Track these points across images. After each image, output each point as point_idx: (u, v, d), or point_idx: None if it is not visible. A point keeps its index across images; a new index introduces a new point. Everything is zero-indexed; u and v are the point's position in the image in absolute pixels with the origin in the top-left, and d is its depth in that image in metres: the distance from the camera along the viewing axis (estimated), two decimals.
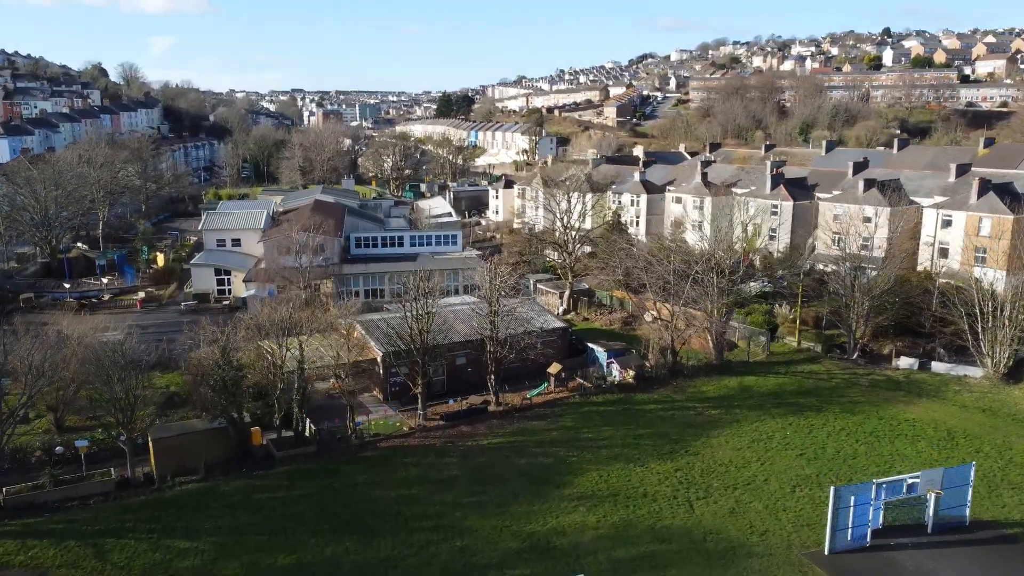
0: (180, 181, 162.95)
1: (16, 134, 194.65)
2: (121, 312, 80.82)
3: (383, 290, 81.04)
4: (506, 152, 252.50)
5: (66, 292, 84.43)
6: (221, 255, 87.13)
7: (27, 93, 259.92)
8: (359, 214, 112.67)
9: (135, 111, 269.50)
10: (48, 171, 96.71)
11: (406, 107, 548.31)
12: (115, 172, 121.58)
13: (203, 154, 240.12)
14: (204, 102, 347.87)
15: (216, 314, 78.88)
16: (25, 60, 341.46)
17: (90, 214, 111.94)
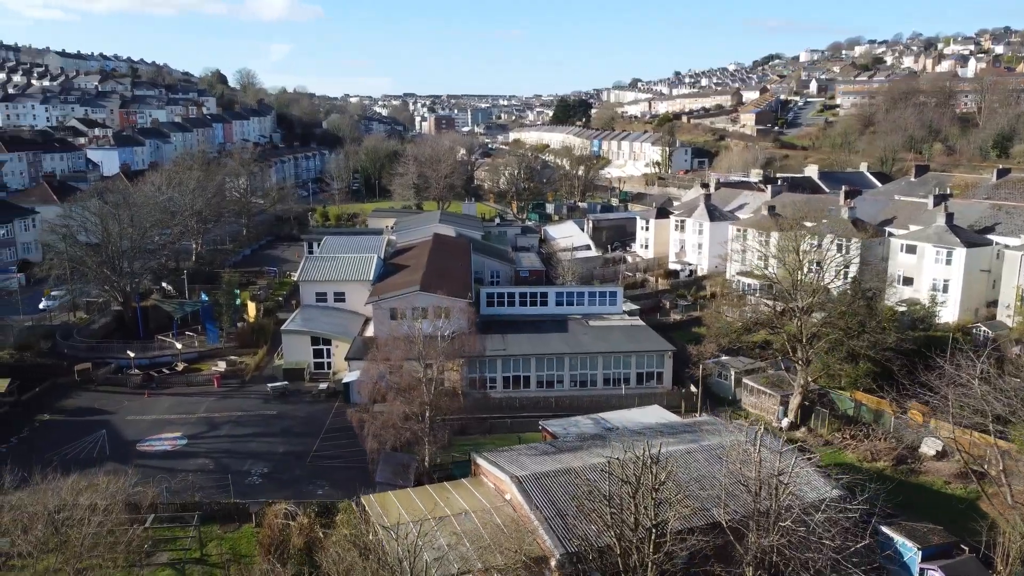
0: (286, 198, 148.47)
1: (126, 145, 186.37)
2: (194, 393, 63.32)
3: (528, 377, 60.24)
4: (634, 164, 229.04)
5: (130, 360, 67.79)
6: (320, 317, 68.60)
7: (143, 101, 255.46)
8: (485, 250, 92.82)
9: (247, 119, 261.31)
10: (121, 204, 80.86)
11: (518, 112, 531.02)
12: (209, 196, 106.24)
13: (313, 165, 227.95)
14: (317, 108, 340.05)
15: (310, 402, 60.29)
16: (148, 67, 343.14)
17: (179, 245, 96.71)
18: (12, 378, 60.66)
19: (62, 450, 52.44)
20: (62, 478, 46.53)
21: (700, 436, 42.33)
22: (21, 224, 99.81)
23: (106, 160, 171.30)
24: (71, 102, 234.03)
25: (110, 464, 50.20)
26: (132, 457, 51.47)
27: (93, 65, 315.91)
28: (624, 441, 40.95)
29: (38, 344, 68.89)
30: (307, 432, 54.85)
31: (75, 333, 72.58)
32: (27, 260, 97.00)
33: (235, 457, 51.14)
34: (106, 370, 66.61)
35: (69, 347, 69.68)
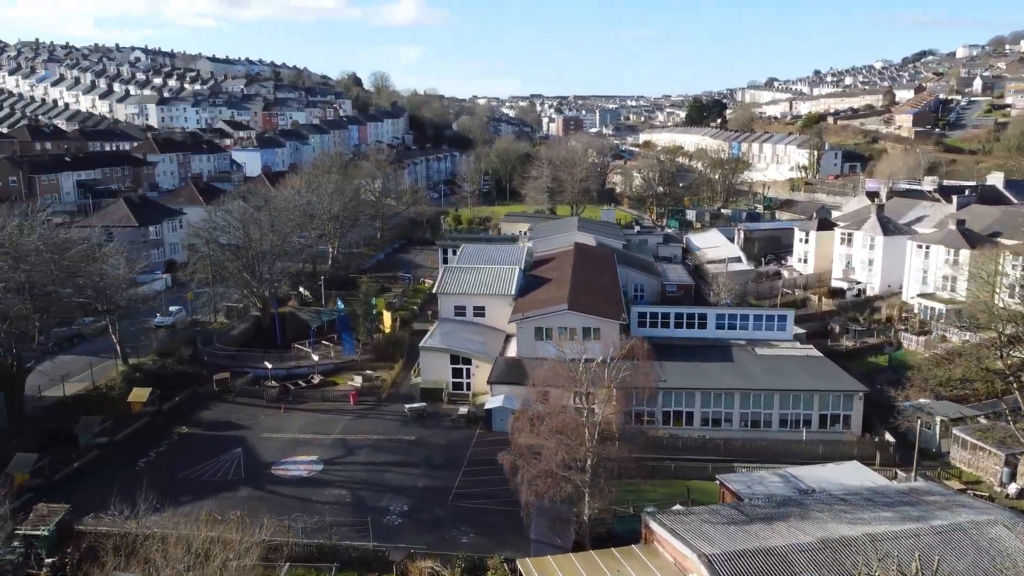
0: (420, 200, 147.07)
1: (268, 146, 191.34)
2: (330, 410, 60.34)
3: (691, 413, 53.50)
4: (776, 168, 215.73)
5: (268, 371, 65.82)
6: (460, 333, 64.35)
7: (284, 104, 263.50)
8: (628, 261, 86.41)
9: (381, 121, 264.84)
10: (262, 207, 79.83)
11: (647, 112, 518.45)
12: (347, 199, 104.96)
13: (444, 167, 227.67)
14: (447, 110, 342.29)
15: (449, 427, 55.92)
16: (290, 71, 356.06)
17: (316, 248, 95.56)
18: (154, 387, 59.58)
19: (198, 468, 50.26)
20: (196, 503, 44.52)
21: (925, 510, 34.57)
22: (169, 225, 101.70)
23: (249, 161, 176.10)
24: (219, 105, 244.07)
25: (245, 489, 47.51)
26: (267, 482, 48.56)
27: (240, 69, 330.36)
28: (830, 511, 33.88)
29: (179, 350, 68.12)
30: (448, 463, 50.42)
31: (215, 339, 71.63)
32: (173, 261, 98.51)
33: (373, 489, 47.25)
34: (244, 380, 64.89)
35: (209, 354, 68.62)
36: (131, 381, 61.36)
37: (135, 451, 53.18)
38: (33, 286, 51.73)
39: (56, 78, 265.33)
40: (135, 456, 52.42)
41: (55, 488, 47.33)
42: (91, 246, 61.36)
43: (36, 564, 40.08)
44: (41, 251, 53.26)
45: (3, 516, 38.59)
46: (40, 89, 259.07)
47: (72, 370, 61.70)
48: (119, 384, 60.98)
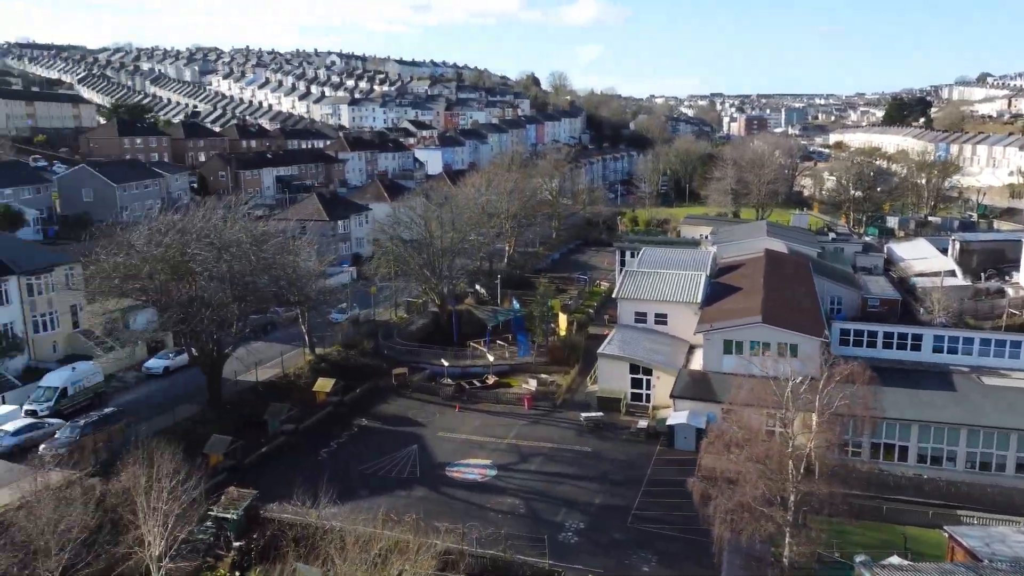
0: (596, 200, 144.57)
1: (448, 145, 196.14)
2: (504, 413, 59.17)
3: (904, 448, 47.20)
4: (992, 172, 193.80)
5: (444, 368, 65.73)
6: (641, 341, 61.08)
7: (465, 104, 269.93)
8: (823, 271, 79.20)
9: (559, 120, 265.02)
10: (443, 205, 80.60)
11: (838, 111, 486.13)
12: (526, 198, 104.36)
13: (621, 167, 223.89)
14: (624, 109, 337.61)
15: (627, 441, 52.91)
16: (471, 72, 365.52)
17: (493, 247, 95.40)
18: (337, 378, 61.02)
19: (376, 463, 50.49)
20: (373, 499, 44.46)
21: None
22: (356, 220, 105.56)
23: (431, 160, 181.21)
24: (404, 105, 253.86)
25: (420, 489, 47.02)
26: (441, 483, 47.84)
27: (425, 71, 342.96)
28: None
29: (363, 342, 69.66)
30: (627, 481, 47.48)
31: (395, 334, 72.73)
32: (359, 255, 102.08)
33: (547, 502, 45.23)
34: (421, 377, 65.20)
35: (389, 348, 69.68)
36: (317, 371, 63.29)
37: (318, 440, 54.42)
38: (234, 276, 54.11)
39: (262, 81, 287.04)
40: (318, 445, 53.61)
41: (244, 471, 49.12)
42: (286, 239, 63.77)
43: (225, 546, 41.36)
44: (242, 242, 55.69)
45: (199, 496, 40.07)
46: (248, 92, 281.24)
47: (264, 357, 64.52)
48: (306, 373, 63.06)
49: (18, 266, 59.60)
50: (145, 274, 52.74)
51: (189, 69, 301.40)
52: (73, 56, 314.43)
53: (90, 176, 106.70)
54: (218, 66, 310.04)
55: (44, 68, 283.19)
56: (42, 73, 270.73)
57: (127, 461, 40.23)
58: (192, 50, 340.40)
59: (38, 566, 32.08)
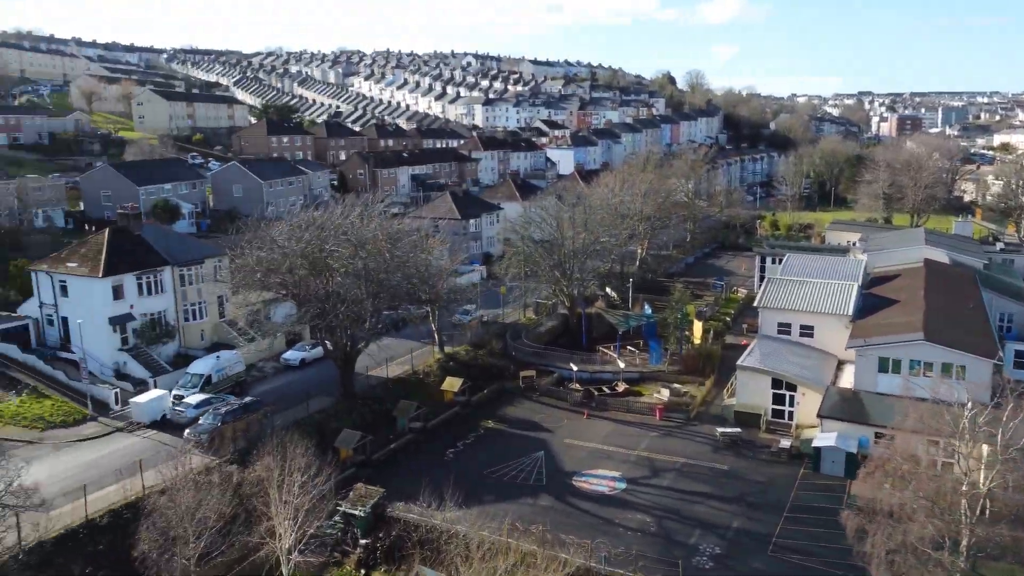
0: (734, 203, 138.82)
1: (581, 145, 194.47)
2: (634, 423, 56.92)
3: None
4: None
5: (572, 372, 64.11)
6: (784, 354, 57.18)
7: (599, 103, 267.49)
8: (991, 285, 71.76)
9: (695, 120, 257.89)
10: (576, 205, 78.93)
11: (1003, 111, 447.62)
12: (660, 200, 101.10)
13: (760, 168, 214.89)
14: (764, 109, 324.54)
15: (768, 461, 49.53)
16: (605, 71, 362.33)
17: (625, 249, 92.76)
18: (465, 378, 60.67)
19: (501, 467, 49.55)
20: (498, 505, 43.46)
21: None
22: (488, 219, 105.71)
23: (562, 159, 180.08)
24: (538, 105, 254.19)
25: (546, 498, 45.65)
26: (568, 493, 46.27)
27: (558, 71, 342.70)
28: None
29: (491, 343, 69.15)
30: (767, 504, 44.27)
31: (523, 335, 71.80)
32: (489, 254, 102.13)
33: (680, 521, 42.74)
34: (549, 380, 63.92)
35: (517, 349, 68.80)
36: (445, 369, 63.24)
37: (444, 440, 54.14)
38: (368, 272, 54.69)
39: (401, 82, 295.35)
40: (444, 445, 53.30)
41: (372, 467, 49.40)
42: (420, 237, 64.06)
43: (352, 542, 41.52)
44: (378, 240, 56.20)
45: (329, 491, 40.38)
46: (387, 92, 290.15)
47: (395, 354, 65.09)
48: (435, 371, 63.13)
49: (173, 258, 62.80)
50: (285, 269, 54.12)
51: (333, 71, 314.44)
52: (230, 60, 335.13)
53: (240, 173, 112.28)
54: (360, 68, 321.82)
55: (204, 72, 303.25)
56: (202, 76, 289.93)
57: (263, 451, 41.14)
58: (337, 53, 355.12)
59: (176, 552, 32.94)
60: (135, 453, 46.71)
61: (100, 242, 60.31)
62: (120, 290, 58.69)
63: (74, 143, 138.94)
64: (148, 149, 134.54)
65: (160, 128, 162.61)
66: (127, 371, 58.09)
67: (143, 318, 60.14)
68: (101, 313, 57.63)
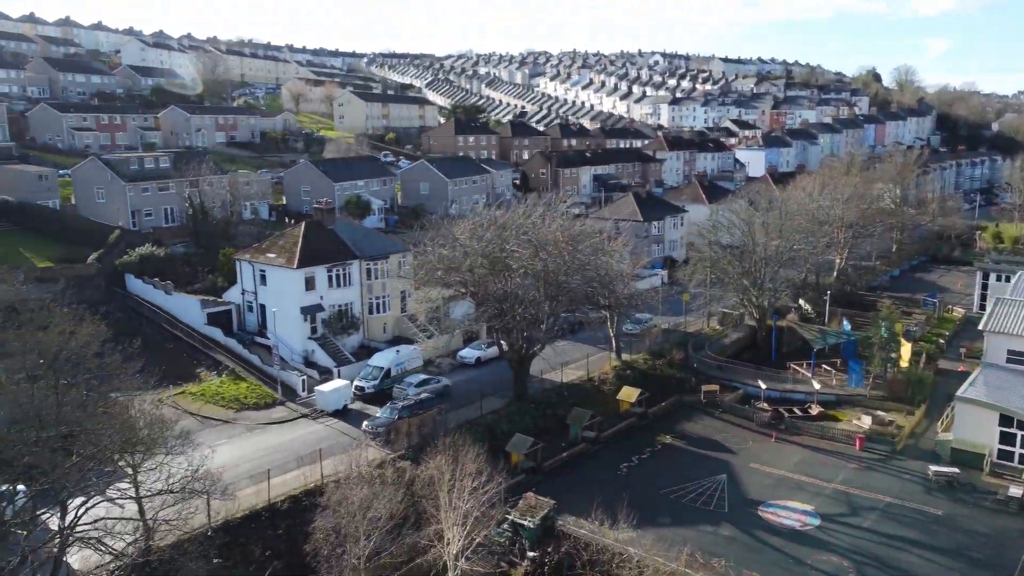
0: (948, 211, 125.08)
1: (773, 146, 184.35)
2: (828, 451, 51.58)
3: None
4: None
5: (760, 390, 59.35)
6: (1017, 387, 49.52)
7: (794, 102, 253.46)
8: None
9: (903, 120, 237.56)
10: (769, 209, 73.46)
11: None
12: (864, 206, 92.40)
13: (979, 173, 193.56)
14: (985, 108, 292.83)
15: (992, 510, 43.04)
16: (802, 69, 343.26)
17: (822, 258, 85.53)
18: (643, 388, 57.78)
19: (679, 488, 46.35)
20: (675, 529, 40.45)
21: None
22: (671, 221, 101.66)
23: (752, 161, 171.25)
24: (727, 104, 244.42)
25: (727, 527, 42.01)
26: (752, 524, 42.33)
27: (750, 69, 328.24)
28: None
29: (672, 352, 65.71)
30: (993, 563, 38.10)
31: (706, 346, 67.67)
32: (670, 258, 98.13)
33: (885, 571, 37.64)
34: (733, 396, 59.62)
35: (699, 361, 64.87)
36: (621, 378, 60.65)
37: (618, 453, 51.64)
38: (547, 274, 53.25)
39: (586, 82, 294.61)
40: (618, 459, 50.81)
41: (542, 474, 47.86)
42: (602, 239, 61.84)
43: (519, 553, 40.12)
44: (558, 241, 54.64)
45: (499, 498, 39.19)
46: (572, 92, 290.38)
47: (570, 358, 63.29)
48: (610, 379, 60.70)
49: (361, 252, 64.71)
50: (466, 267, 53.83)
51: (520, 72, 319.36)
52: (423, 63, 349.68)
53: (427, 170, 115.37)
54: (546, 69, 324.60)
55: (399, 75, 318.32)
56: (397, 79, 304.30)
57: (435, 449, 40.72)
58: (524, 55, 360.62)
59: (347, 551, 32.87)
60: (316, 441, 48.05)
61: (296, 235, 63.20)
62: (312, 281, 61.15)
63: (281, 141, 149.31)
64: (345, 147, 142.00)
65: (357, 127, 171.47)
66: (314, 359, 60.43)
67: (331, 309, 62.35)
68: (294, 302, 60.29)
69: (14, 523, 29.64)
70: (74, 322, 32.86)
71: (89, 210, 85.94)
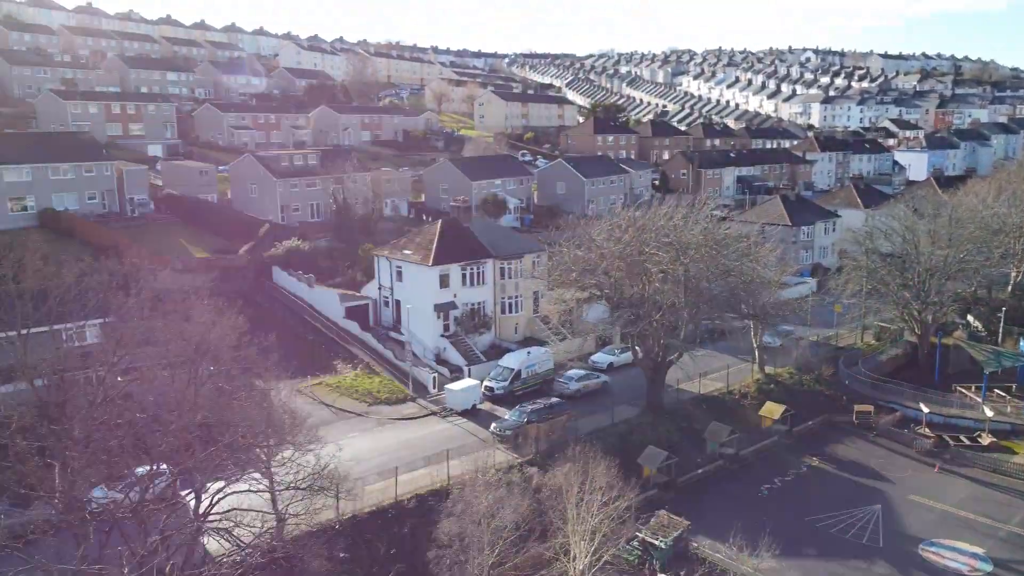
0: None
1: (938, 147, 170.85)
2: (1004, 487, 46.04)
3: None
4: None
5: (921, 414, 53.94)
6: None
7: (963, 101, 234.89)
8: None
9: None
10: (936, 216, 66.87)
11: None
12: None
13: None
14: None
15: None
16: (972, 64, 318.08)
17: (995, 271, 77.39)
18: (787, 405, 53.88)
19: (826, 516, 42.62)
20: (821, 562, 37.05)
21: None
22: (822, 227, 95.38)
23: (914, 163, 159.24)
24: (886, 103, 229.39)
25: (882, 564, 38.17)
26: (911, 564, 38.22)
27: (913, 65, 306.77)
28: None
29: (821, 367, 61.06)
30: None
31: (859, 363, 62.45)
32: (820, 265, 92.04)
33: None
34: (889, 419, 54.49)
35: (852, 379, 59.92)
36: (764, 392, 56.91)
37: (759, 474, 48.26)
38: (688, 279, 50.50)
39: (732, 80, 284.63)
40: (758, 479, 47.47)
41: (675, 491, 45.34)
42: (749, 244, 58.16)
43: (649, 574, 37.99)
44: (701, 245, 51.71)
45: (629, 514, 37.13)
46: (717, 91, 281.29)
47: (708, 368, 59.87)
48: (752, 393, 57.10)
49: (495, 251, 64.12)
50: (602, 270, 51.95)
51: (662, 71, 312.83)
52: (564, 63, 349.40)
53: (564, 170, 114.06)
54: (690, 67, 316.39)
55: (539, 74, 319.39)
56: (537, 78, 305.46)
57: (564, 457, 39.23)
58: (667, 53, 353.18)
59: (469, 559, 31.88)
60: (444, 440, 47.65)
61: (433, 232, 63.40)
62: (446, 279, 61.11)
63: (422, 140, 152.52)
64: (484, 146, 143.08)
65: (496, 126, 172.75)
66: (445, 357, 60.35)
67: (464, 307, 62.09)
68: (428, 299, 60.45)
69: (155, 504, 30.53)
70: (215, 314, 33.69)
71: (243, 204, 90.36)
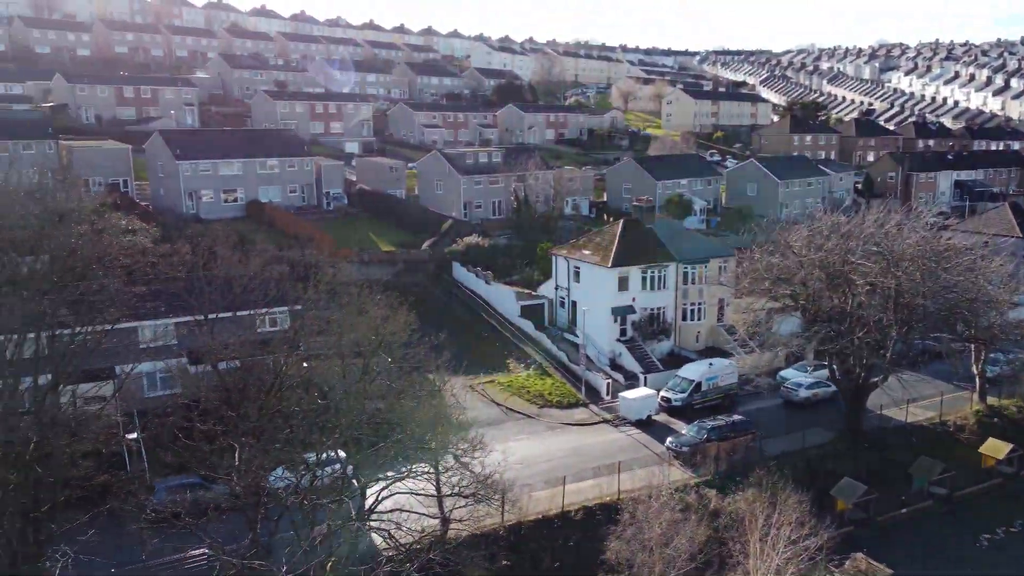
0: None
1: None
2: None
3: None
4: None
5: None
6: None
7: None
8: None
9: None
10: None
11: None
12: None
13: None
14: None
15: None
16: None
17: None
18: (1016, 443, 46.62)
19: None
20: None
21: None
22: None
23: None
24: None
25: None
26: None
27: None
28: None
29: None
30: None
31: None
32: None
33: None
34: None
35: None
36: (985, 427, 49.75)
37: (978, 520, 41.98)
38: (900, 294, 44.79)
39: (949, 76, 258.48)
40: (977, 527, 41.30)
41: (874, 530, 40.30)
42: (976, 258, 50.90)
43: None
44: (917, 257, 45.72)
45: (821, 550, 33.06)
46: (931, 88, 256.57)
47: (917, 394, 52.98)
48: (970, 426, 50.09)
49: (679, 254, 60.78)
50: (798, 279, 47.37)
51: (868, 67, 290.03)
52: (759, 60, 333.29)
53: (756, 171, 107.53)
54: (901, 62, 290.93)
55: (732, 72, 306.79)
56: (730, 76, 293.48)
57: (747, 482, 35.81)
58: (875, 47, 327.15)
59: None
60: (615, 450, 45.36)
61: (613, 233, 61.08)
62: (625, 282, 58.62)
63: (607, 138, 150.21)
64: (670, 145, 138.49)
65: (685, 125, 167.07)
66: (620, 363, 57.88)
67: (643, 312, 59.34)
68: (605, 302, 58.24)
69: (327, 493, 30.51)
70: (388, 309, 33.45)
71: (428, 200, 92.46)
